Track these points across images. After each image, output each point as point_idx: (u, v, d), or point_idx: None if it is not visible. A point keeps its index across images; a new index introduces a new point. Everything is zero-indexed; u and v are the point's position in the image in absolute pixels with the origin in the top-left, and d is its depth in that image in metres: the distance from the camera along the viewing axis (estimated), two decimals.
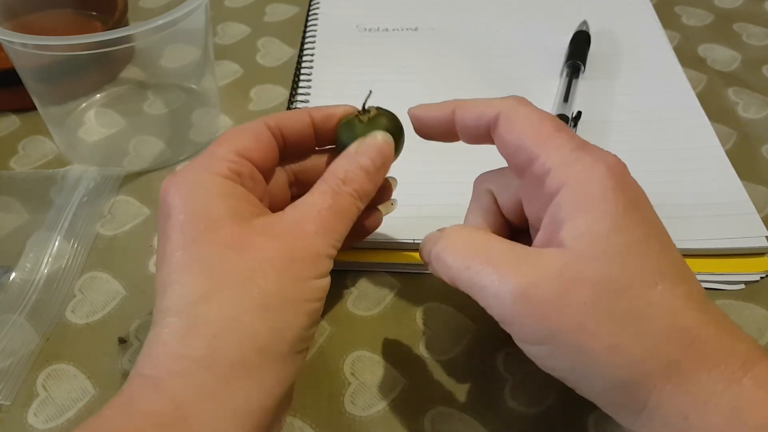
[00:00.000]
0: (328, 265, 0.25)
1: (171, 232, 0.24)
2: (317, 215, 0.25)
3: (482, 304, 0.24)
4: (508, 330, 0.23)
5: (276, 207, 0.27)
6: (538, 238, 0.24)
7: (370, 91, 0.29)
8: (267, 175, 0.29)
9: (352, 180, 0.27)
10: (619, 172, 0.23)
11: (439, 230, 0.27)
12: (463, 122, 0.27)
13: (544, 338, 0.22)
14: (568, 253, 0.22)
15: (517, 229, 0.29)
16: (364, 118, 0.28)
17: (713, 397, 0.20)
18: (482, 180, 0.29)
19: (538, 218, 0.25)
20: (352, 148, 0.28)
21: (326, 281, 0.25)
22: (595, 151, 0.24)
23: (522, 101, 0.26)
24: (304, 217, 0.25)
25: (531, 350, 0.23)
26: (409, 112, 0.29)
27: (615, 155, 0.24)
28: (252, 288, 0.23)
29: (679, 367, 0.21)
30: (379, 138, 0.28)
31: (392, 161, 0.28)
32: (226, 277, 0.23)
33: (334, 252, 0.26)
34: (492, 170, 0.29)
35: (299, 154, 0.31)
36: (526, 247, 0.24)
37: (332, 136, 0.30)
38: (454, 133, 0.28)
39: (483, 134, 0.27)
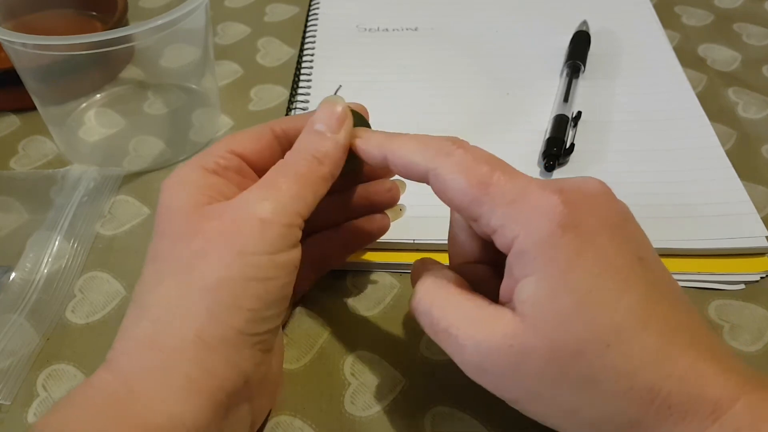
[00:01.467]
0: (285, 236, 0.24)
1: (154, 228, 0.25)
2: (264, 180, 0.25)
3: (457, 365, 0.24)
4: None
5: None
6: (503, 286, 0.24)
7: (339, 86, 0.29)
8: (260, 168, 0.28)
9: (304, 146, 0.26)
10: (561, 214, 0.22)
11: (422, 262, 0.28)
12: (396, 171, 0.26)
13: (511, 400, 0.23)
14: (518, 320, 0.22)
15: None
16: None
17: None
18: None
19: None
20: (308, 122, 0.27)
21: (285, 256, 0.24)
22: (533, 197, 0.22)
23: (448, 154, 0.24)
24: (248, 193, 0.24)
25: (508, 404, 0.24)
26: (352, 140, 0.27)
27: (558, 190, 0.22)
28: (193, 272, 0.23)
29: (641, 426, 0.21)
30: (326, 102, 0.27)
31: (347, 121, 0.26)
32: (172, 265, 0.24)
33: (293, 219, 0.24)
34: None
35: None
36: (485, 307, 0.23)
37: None
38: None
39: (419, 181, 0.25)
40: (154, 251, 0.25)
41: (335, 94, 0.28)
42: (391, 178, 0.32)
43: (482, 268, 0.27)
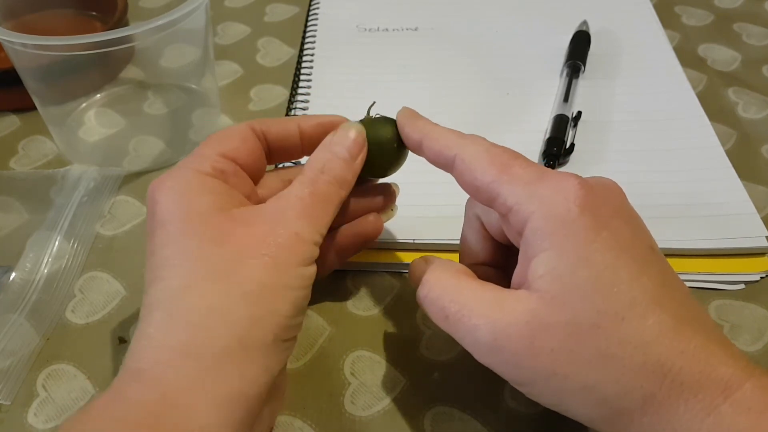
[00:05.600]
0: (312, 252, 0.25)
1: (156, 229, 0.24)
2: (297, 201, 0.26)
3: (468, 350, 0.24)
4: (496, 372, 0.24)
5: None
6: (516, 272, 0.24)
7: (374, 102, 0.29)
8: (254, 175, 0.29)
9: (330, 169, 0.27)
10: (579, 195, 0.23)
11: (423, 258, 0.28)
12: (427, 154, 0.28)
13: (523, 382, 0.23)
14: (534, 297, 0.22)
15: (510, 248, 0.29)
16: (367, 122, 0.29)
17: (692, 427, 0.20)
18: (470, 206, 0.30)
19: (519, 244, 0.25)
20: (327, 139, 0.28)
21: (311, 269, 0.25)
22: (551, 179, 0.24)
23: (476, 140, 0.26)
24: (284, 205, 0.25)
25: (519, 389, 0.24)
26: (397, 115, 0.29)
27: (575, 176, 0.24)
28: (232, 277, 0.23)
29: (655, 400, 0.21)
30: (352, 129, 0.28)
31: (364, 150, 0.29)
32: (206, 268, 0.23)
33: (318, 239, 0.26)
34: None
35: (286, 158, 0.31)
36: (499, 290, 0.24)
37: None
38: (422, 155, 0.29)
39: (444, 168, 0.27)
40: (173, 253, 0.24)
41: (369, 110, 0.29)
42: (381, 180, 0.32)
43: (491, 270, 0.28)
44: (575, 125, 0.41)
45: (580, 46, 0.47)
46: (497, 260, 0.29)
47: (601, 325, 0.21)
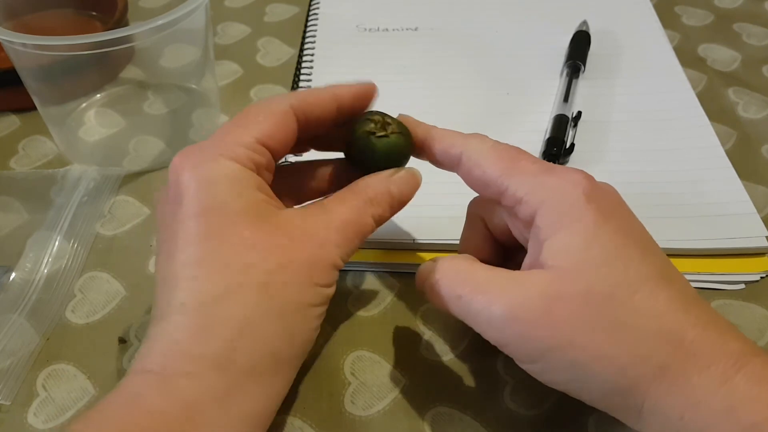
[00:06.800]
0: (336, 275, 0.26)
1: (185, 221, 0.23)
2: (341, 227, 0.25)
3: (478, 330, 0.24)
4: (506, 352, 0.24)
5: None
6: (525, 262, 0.25)
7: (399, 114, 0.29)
8: (279, 159, 0.28)
9: (379, 203, 0.27)
10: (587, 187, 0.24)
11: (432, 260, 0.28)
12: (431, 153, 0.28)
13: (538, 356, 0.23)
14: (549, 272, 0.23)
15: (510, 250, 0.29)
16: (383, 135, 0.28)
17: (706, 396, 0.20)
18: (473, 206, 0.30)
19: (524, 240, 0.26)
20: (389, 172, 0.28)
21: (333, 289, 0.26)
22: (559, 171, 0.25)
23: (481, 138, 0.27)
24: (328, 226, 0.25)
25: (529, 368, 0.24)
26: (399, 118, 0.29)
27: (581, 171, 0.25)
28: (271, 291, 0.23)
29: (670, 369, 0.21)
30: (416, 175, 0.28)
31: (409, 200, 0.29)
32: (245, 278, 0.22)
33: (343, 264, 0.26)
34: (480, 196, 0.29)
35: (316, 130, 0.29)
36: (512, 271, 0.24)
37: (349, 115, 0.29)
38: (425, 156, 0.29)
39: (448, 167, 0.28)
40: (207, 253, 0.23)
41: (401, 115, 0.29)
42: None
43: None
44: (575, 125, 0.41)
45: (580, 46, 0.47)
46: (496, 261, 0.29)
47: (616, 296, 0.22)
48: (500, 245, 0.29)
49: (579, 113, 0.42)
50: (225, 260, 0.22)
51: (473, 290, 0.24)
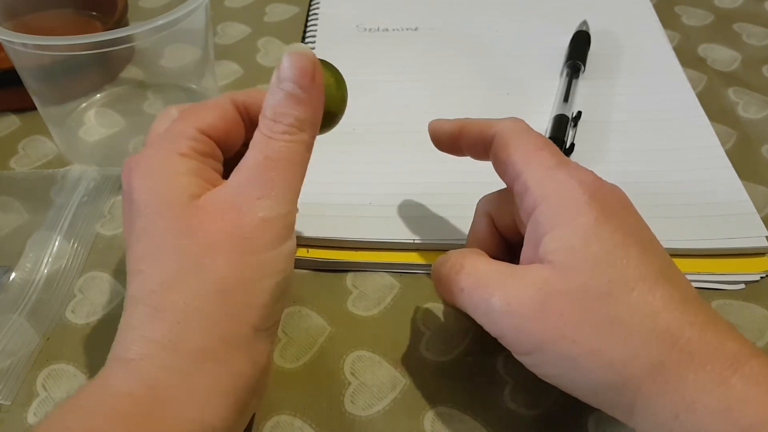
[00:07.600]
0: (283, 229, 0.24)
1: (133, 219, 0.24)
2: (255, 175, 0.23)
3: (479, 322, 0.25)
4: (503, 344, 0.25)
5: None
6: (524, 254, 0.25)
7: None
8: (234, 153, 0.28)
9: (283, 114, 0.24)
10: (592, 185, 0.24)
11: (444, 254, 0.28)
12: (467, 139, 0.29)
13: (532, 348, 0.23)
14: (547, 267, 0.23)
15: (515, 246, 0.30)
16: None
17: (702, 397, 0.20)
18: (482, 204, 0.31)
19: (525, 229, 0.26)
20: (273, 78, 0.24)
21: (286, 247, 0.24)
22: (570, 168, 0.25)
23: (517, 122, 0.28)
24: (244, 182, 0.24)
25: (525, 360, 0.24)
26: (429, 125, 0.31)
27: (591, 171, 0.25)
28: (205, 273, 0.23)
29: (663, 368, 0.21)
30: (295, 55, 0.24)
31: (319, 75, 0.25)
32: (180, 264, 0.23)
33: (288, 208, 0.24)
34: (490, 193, 0.30)
35: None
36: (512, 266, 0.25)
37: None
38: (461, 148, 0.30)
39: (483, 151, 0.28)
40: (149, 246, 0.23)
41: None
42: None
43: None
44: (575, 125, 0.41)
45: (580, 46, 0.47)
46: (501, 256, 0.29)
47: (612, 293, 0.22)
48: (506, 242, 0.30)
49: (579, 113, 0.42)
50: (162, 251, 0.23)
51: (474, 283, 0.25)
